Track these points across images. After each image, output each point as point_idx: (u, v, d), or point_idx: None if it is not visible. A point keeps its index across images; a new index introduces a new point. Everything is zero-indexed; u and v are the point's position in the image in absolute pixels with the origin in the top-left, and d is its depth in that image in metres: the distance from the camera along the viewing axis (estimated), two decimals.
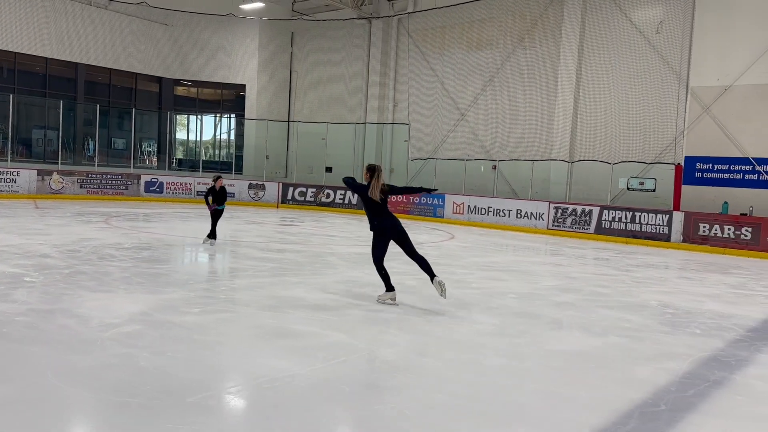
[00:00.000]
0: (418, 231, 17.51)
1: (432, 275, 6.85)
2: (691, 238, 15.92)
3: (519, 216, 19.08)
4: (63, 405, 3.83)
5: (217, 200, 11.48)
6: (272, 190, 24.23)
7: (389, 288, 7.05)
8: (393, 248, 7.20)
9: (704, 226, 15.77)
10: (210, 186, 11.61)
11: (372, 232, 7.08)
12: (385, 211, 7.01)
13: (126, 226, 14.22)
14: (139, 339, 5.24)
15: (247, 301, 7.05)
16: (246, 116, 26.96)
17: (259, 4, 24.45)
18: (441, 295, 6.78)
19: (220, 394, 4.12)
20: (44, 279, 7.54)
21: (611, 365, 5.28)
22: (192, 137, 29.10)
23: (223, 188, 11.53)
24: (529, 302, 7.85)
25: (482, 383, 4.67)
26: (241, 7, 24.67)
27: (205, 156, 28.69)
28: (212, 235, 11.43)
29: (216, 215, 11.45)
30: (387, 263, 7.23)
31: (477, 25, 21.99)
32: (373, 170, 7.00)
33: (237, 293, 7.61)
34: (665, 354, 5.71)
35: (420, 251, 7.23)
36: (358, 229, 16.93)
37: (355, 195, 6.09)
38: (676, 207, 16.43)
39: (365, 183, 7.01)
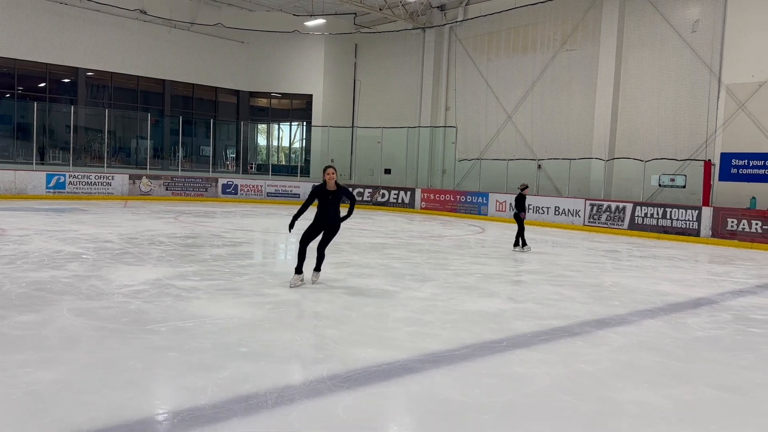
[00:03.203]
0: (455, 226, 18.70)
1: (317, 269, 7.99)
2: (720, 233, 16.07)
3: (557, 213, 19.76)
4: (63, 326, 5.59)
5: (519, 206, 12.65)
6: None
7: (299, 271, 7.80)
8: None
9: (732, 222, 15.88)
10: (517, 195, 12.76)
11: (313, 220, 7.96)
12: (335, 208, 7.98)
13: (190, 221, 16.44)
14: (140, 294, 7.00)
15: (241, 273, 8.70)
16: (313, 124, 29.13)
17: (321, 21, 26.48)
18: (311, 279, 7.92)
19: (168, 327, 5.73)
20: (97, 256, 9.59)
21: (495, 320, 6.44)
22: (265, 144, 31.72)
23: (523, 196, 12.69)
24: (486, 280, 9.00)
25: (374, 326, 6.02)
26: (305, 24, 26.82)
27: (278, 161, 31.21)
28: (520, 242, 12.63)
29: (517, 219, 12.66)
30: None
31: (522, 31, 22.82)
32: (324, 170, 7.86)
33: (242, 269, 9.27)
34: (556, 315, 6.77)
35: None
36: (398, 226, 18.27)
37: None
38: (705, 203, 16.60)
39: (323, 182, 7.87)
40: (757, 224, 15.48)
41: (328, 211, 7.93)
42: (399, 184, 25.86)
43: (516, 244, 12.68)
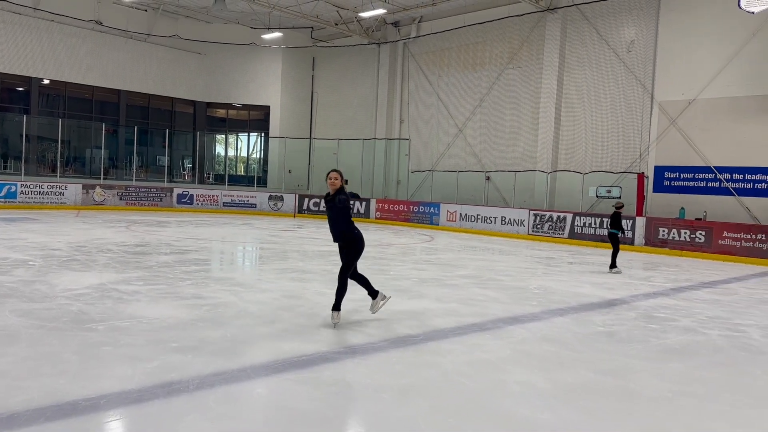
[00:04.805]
0: (405, 235, 19.29)
1: (335, 305, 6.43)
2: (652, 241, 17.02)
3: (504, 223, 20.54)
4: (4, 325, 5.89)
5: (614, 225, 12.20)
6: (290, 201, 26.49)
7: (376, 293, 6.69)
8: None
9: (663, 230, 16.86)
10: (612, 213, 12.36)
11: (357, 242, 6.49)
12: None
13: (141, 230, 16.60)
14: (82, 297, 7.31)
15: (185, 279, 9.05)
16: (270, 134, 29.49)
17: (278, 34, 26.95)
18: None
19: (106, 326, 6.09)
20: (43, 263, 9.80)
21: (418, 318, 6.97)
22: (223, 154, 31.92)
23: (616, 213, 12.27)
24: (420, 284, 9.55)
25: (304, 323, 6.48)
26: (263, 36, 27.26)
27: (236, 171, 31.44)
28: (613, 264, 12.10)
29: (612, 239, 12.27)
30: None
31: (472, 48, 23.71)
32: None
33: (186, 275, 9.60)
34: (475, 314, 7.35)
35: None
36: None
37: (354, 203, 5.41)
38: (639, 213, 17.56)
39: (333, 191, 6.38)
40: (685, 233, 16.48)
41: (329, 221, 6.48)
42: (353, 197, 26.33)
43: (612, 266, 12.18)
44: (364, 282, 6.64)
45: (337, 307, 6.37)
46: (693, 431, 4.11)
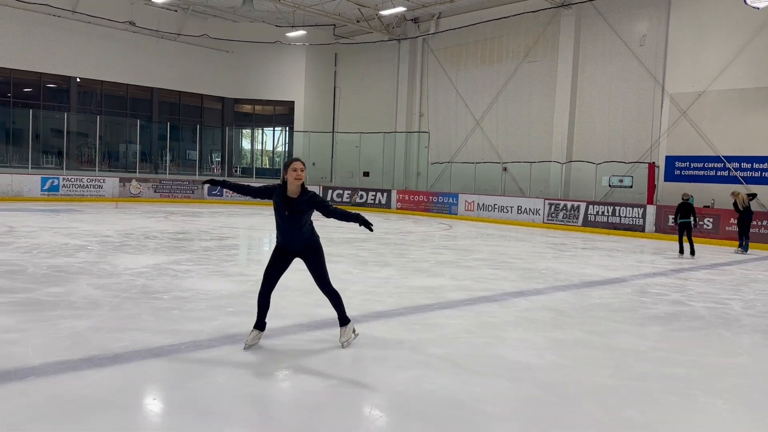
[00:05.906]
0: (425, 224, 20.27)
1: (342, 321, 5.38)
2: (662, 228, 17.78)
3: (520, 212, 21.41)
4: (85, 295, 7.03)
5: (683, 214, 13.12)
6: None
7: (258, 325, 5.33)
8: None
9: (673, 218, 17.56)
10: (680, 204, 13.16)
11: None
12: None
13: (179, 220, 17.82)
14: (143, 274, 8.45)
15: (228, 260, 10.17)
16: (295, 129, 30.65)
17: (302, 32, 28.02)
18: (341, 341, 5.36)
19: (170, 296, 7.20)
20: (100, 248, 11.00)
21: (434, 292, 7.97)
22: (250, 148, 33.18)
23: (685, 204, 13.17)
24: (438, 265, 10.54)
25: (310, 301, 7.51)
26: (287, 34, 28.35)
27: (262, 164, 32.68)
28: (681, 249, 13.23)
29: (680, 228, 13.28)
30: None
31: (489, 43, 24.52)
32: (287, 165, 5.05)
33: (228, 257, 10.72)
34: (485, 289, 8.32)
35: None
36: (373, 223, 19.76)
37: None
38: (650, 201, 18.31)
39: (297, 187, 5.06)
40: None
41: (284, 228, 5.19)
42: (376, 186, 27.40)
43: (692, 252, 13.23)
44: (267, 308, 5.39)
45: (346, 319, 5.38)
46: (656, 370, 5.05)
